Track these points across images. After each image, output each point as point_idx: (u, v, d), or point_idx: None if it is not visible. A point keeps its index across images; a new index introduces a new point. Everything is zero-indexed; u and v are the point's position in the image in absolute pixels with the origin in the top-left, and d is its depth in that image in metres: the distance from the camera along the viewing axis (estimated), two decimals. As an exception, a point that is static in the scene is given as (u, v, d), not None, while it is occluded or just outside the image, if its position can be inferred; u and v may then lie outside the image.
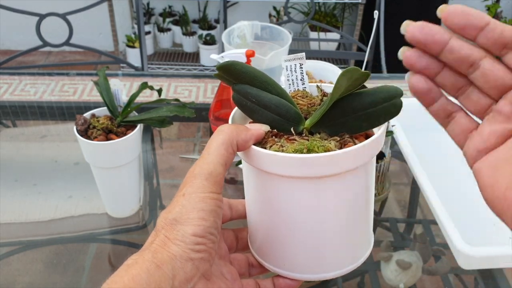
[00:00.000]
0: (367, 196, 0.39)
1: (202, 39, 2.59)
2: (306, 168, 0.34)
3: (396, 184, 0.93)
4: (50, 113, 1.09)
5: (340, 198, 0.37)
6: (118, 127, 0.75)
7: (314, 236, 0.38)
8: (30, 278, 0.73)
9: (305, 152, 0.35)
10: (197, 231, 0.33)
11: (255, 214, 0.41)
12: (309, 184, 0.36)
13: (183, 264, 0.33)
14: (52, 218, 0.83)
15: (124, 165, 0.76)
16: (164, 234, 0.34)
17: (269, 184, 0.37)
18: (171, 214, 0.34)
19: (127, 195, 0.81)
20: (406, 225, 0.85)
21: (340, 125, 0.37)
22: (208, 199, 0.34)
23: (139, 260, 0.32)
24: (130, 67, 1.51)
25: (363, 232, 0.41)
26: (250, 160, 0.37)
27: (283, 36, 1.11)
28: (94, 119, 0.74)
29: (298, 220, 0.37)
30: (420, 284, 0.72)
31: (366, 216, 0.40)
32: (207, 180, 0.35)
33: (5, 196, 0.88)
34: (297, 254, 0.39)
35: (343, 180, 0.36)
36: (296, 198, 0.36)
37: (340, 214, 0.37)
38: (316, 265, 0.39)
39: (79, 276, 0.73)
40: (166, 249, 0.33)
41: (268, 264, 0.41)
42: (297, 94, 0.43)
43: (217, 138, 0.36)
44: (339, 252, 0.39)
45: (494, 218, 0.32)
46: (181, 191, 0.35)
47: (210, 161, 0.35)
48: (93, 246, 0.79)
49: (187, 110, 0.75)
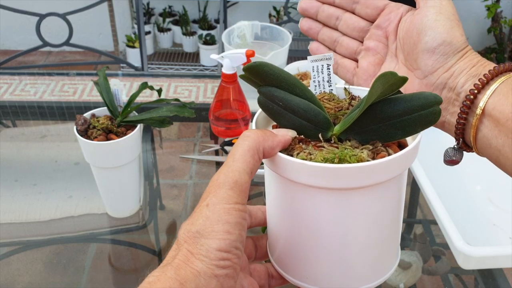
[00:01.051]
0: (398, 208, 0.37)
1: (202, 39, 2.59)
2: (337, 179, 0.32)
3: (396, 184, 0.93)
4: (50, 113, 1.09)
5: (370, 211, 0.35)
6: (118, 127, 0.75)
7: (340, 248, 0.36)
8: (30, 278, 0.73)
9: (336, 161, 0.33)
10: (222, 246, 0.31)
11: (278, 224, 0.39)
12: (338, 195, 0.34)
13: (207, 281, 0.31)
14: (52, 218, 0.83)
15: (124, 165, 0.76)
16: (187, 248, 0.32)
17: (294, 193, 0.35)
18: (194, 226, 0.32)
19: (127, 195, 0.81)
20: (406, 225, 0.85)
21: (372, 132, 0.35)
22: (233, 211, 0.32)
23: (161, 277, 0.30)
24: (130, 67, 1.51)
25: (391, 245, 0.39)
26: (276, 168, 0.35)
27: (283, 36, 1.11)
28: (94, 119, 0.74)
29: (324, 232, 0.35)
30: (420, 284, 0.72)
31: (395, 229, 0.38)
32: (232, 189, 0.33)
33: (5, 196, 0.88)
34: (322, 267, 0.37)
35: (375, 192, 0.34)
36: (323, 209, 0.34)
37: (369, 226, 0.36)
38: (341, 279, 0.37)
39: (79, 276, 0.73)
40: (189, 265, 0.31)
41: (290, 276, 0.39)
42: (324, 96, 0.41)
43: (243, 144, 0.34)
44: (365, 265, 0.37)
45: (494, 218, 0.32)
46: (205, 200, 0.33)
47: (236, 169, 0.33)
48: (93, 246, 0.80)
49: (187, 110, 0.75)
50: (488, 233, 0.74)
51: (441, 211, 0.71)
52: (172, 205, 0.87)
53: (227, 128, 0.92)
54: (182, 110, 0.74)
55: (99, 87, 0.75)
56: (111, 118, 0.75)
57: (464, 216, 0.76)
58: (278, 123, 0.38)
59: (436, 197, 0.74)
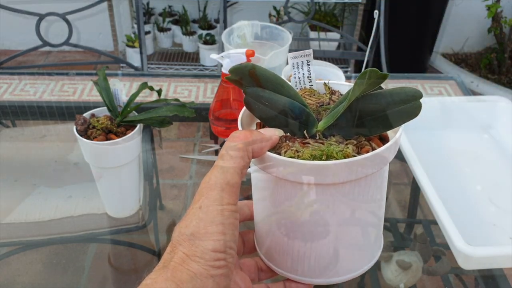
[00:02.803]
0: (380, 199, 0.39)
1: (202, 39, 2.59)
2: (325, 175, 0.33)
3: (396, 184, 0.93)
4: (50, 113, 1.09)
5: (355, 203, 0.36)
6: (118, 127, 0.74)
7: (328, 241, 0.37)
8: (30, 278, 0.73)
9: (324, 158, 0.34)
10: (217, 247, 0.32)
11: (265, 219, 0.40)
12: (326, 190, 0.35)
13: (203, 282, 0.31)
14: (52, 218, 0.83)
15: (124, 165, 0.76)
16: (182, 250, 0.32)
17: (282, 190, 0.36)
18: (188, 228, 0.33)
19: (127, 195, 0.81)
20: (406, 225, 0.85)
21: (355, 127, 0.36)
22: (226, 212, 0.33)
23: (158, 279, 0.31)
24: (130, 67, 1.51)
25: (374, 235, 0.40)
26: (265, 166, 0.36)
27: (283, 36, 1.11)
28: (93, 119, 0.74)
29: (312, 226, 0.37)
30: (420, 284, 0.72)
31: (378, 219, 0.40)
32: (224, 191, 0.33)
33: (5, 196, 0.87)
34: (310, 259, 0.38)
35: (359, 185, 0.35)
36: (311, 203, 0.36)
37: (354, 218, 0.37)
38: (329, 270, 0.39)
39: (79, 276, 0.73)
40: (185, 266, 0.31)
41: (280, 269, 0.41)
42: (305, 92, 0.42)
43: (233, 146, 0.35)
44: (352, 256, 0.39)
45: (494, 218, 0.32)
46: (197, 203, 0.34)
47: (227, 171, 0.34)
48: (93, 246, 0.79)
49: (187, 110, 0.75)
50: (488, 233, 0.74)
51: (441, 211, 0.71)
52: (172, 205, 0.87)
53: (227, 128, 0.92)
54: (182, 110, 0.74)
55: (99, 87, 0.75)
56: (111, 118, 0.75)
57: (464, 216, 0.76)
58: (264, 122, 0.39)
59: (436, 197, 0.74)
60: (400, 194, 0.91)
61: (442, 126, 0.97)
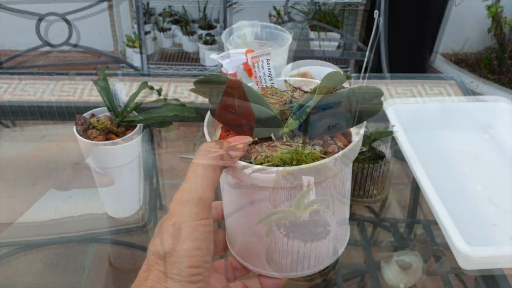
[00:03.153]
0: (345, 192, 0.40)
1: (202, 39, 2.59)
2: (298, 179, 0.34)
3: (396, 184, 0.93)
4: (50, 113, 1.09)
5: (322, 200, 0.37)
6: (118, 127, 0.74)
7: (288, 238, 0.38)
8: (30, 278, 0.73)
9: (294, 163, 0.35)
10: (193, 263, 0.32)
11: (236, 221, 0.41)
12: (295, 191, 0.35)
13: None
14: (52, 218, 0.83)
15: (124, 165, 0.76)
16: (158, 269, 0.32)
17: (253, 194, 0.37)
18: (163, 247, 0.33)
19: (127, 195, 0.81)
20: (406, 225, 0.85)
21: (319, 126, 0.37)
22: (200, 227, 0.33)
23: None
24: (130, 67, 1.51)
25: (341, 228, 0.42)
26: (237, 175, 0.36)
27: (283, 36, 1.10)
28: (93, 119, 0.74)
29: (282, 225, 0.38)
30: (420, 284, 0.72)
31: (344, 212, 0.41)
32: (197, 206, 0.33)
33: (5, 196, 0.87)
34: (279, 256, 0.40)
35: (327, 182, 0.36)
36: (279, 204, 0.37)
37: (322, 214, 0.38)
38: (300, 264, 0.40)
39: (79, 276, 0.73)
40: (163, 284, 0.32)
41: (253, 266, 0.42)
42: (267, 91, 0.42)
43: (204, 160, 0.35)
44: (321, 249, 0.40)
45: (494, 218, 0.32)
46: (170, 220, 0.33)
47: (199, 186, 0.34)
48: (93, 246, 0.79)
49: (187, 110, 0.75)
50: (488, 233, 0.74)
51: (441, 211, 0.71)
52: (172, 205, 0.87)
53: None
54: (182, 109, 0.74)
55: (99, 87, 0.75)
56: (111, 118, 0.75)
57: (464, 216, 0.76)
58: (232, 130, 0.40)
59: (436, 197, 0.74)
60: (400, 194, 0.91)
61: (442, 126, 0.97)
